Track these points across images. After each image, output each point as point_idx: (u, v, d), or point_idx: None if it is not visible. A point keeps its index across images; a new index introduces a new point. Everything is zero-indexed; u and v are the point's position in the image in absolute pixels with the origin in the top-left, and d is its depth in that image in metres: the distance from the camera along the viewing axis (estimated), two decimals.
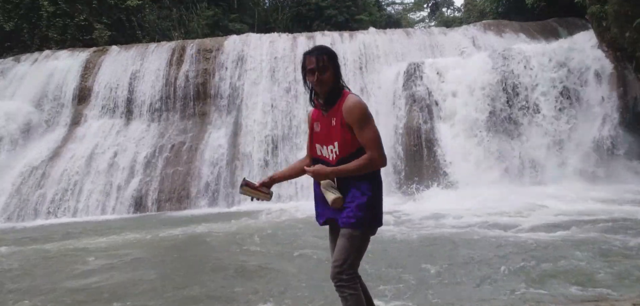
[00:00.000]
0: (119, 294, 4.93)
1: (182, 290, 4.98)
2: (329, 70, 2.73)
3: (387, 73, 14.40)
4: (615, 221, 7.37)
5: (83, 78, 15.54)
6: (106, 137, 14.18)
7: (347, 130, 2.70)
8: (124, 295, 4.87)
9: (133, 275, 5.74)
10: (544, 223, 7.53)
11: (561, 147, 12.22)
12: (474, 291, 4.47)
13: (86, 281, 5.54)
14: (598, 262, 5.15)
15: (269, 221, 9.61)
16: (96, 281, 5.51)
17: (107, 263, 6.45)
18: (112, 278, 5.65)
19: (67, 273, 5.99)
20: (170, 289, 5.04)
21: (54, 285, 5.43)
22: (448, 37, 16.63)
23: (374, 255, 5.58)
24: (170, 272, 5.88)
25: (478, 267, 5.25)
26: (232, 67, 15.34)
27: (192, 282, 5.27)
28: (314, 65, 2.72)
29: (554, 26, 16.52)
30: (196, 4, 20.67)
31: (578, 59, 13.04)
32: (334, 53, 2.81)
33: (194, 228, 9.07)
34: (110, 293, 4.97)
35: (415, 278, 4.94)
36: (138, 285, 5.29)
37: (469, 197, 10.37)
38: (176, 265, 6.33)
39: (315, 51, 2.78)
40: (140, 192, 12.82)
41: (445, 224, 7.99)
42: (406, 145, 12.72)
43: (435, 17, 34.11)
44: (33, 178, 13.01)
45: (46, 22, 18.03)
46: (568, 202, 9.39)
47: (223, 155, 13.58)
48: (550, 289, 4.38)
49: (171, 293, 4.90)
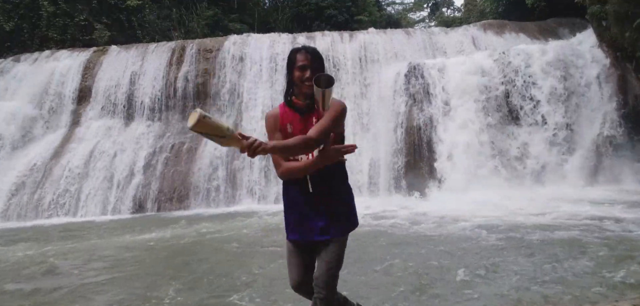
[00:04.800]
0: (117, 294, 4.93)
1: (181, 291, 4.98)
2: (319, 72, 2.63)
3: (387, 73, 14.39)
4: (615, 221, 7.37)
5: (83, 78, 15.54)
6: (106, 138, 14.17)
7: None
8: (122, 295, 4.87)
9: (133, 276, 5.74)
10: (544, 223, 7.52)
11: (561, 148, 12.22)
12: (475, 292, 4.46)
13: (85, 282, 5.54)
14: (598, 262, 5.15)
15: (269, 221, 9.60)
16: (94, 282, 5.51)
17: (107, 263, 6.45)
18: (110, 279, 5.65)
19: (66, 273, 5.98)
20: (169, 290, 5.04)
21: (52, 286, 5.43)
22: (448, 37, 16.62)
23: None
24: (170, 273, 5.87)
25: (479, 267, 5.24)
26: (232, 67, 15.34)
27: (192, 282, 5.27)
28: (309, 62, 2.65)
29: (554, 26, 16.52)
30: (196, 4, 20.68)
31: (578, 59, 13.05)
32: (322, 56, 2.76)
33: (193, 228, 9.06)
34: (105, 295, 4.97)
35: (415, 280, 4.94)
36: (138, 286, 5.29)
37: (469, 197, 10.38)
38: (175, 265, 6.32)
39: (310, 49, 2.71)
40: (140, 192, 12.82)
41: (446, 225, 7.98)
42: (406, 145, 12.71)
43: (435, 17, 34.09)
44: (33, 178, 13.01)
45: (46, 22, 18.03)
46: (568, 202, 9.40)
47: (223, 155, 13.57)
48: (550, 289, 4.38)
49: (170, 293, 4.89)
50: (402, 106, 13.22)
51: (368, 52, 15.48)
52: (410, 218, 8.93)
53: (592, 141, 12.23)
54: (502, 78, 12.95)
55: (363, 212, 9.12)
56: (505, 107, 12.75)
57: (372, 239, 7.08)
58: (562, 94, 12.60)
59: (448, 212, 9.10)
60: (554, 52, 13.03)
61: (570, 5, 15.26)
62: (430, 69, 13.56)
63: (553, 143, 12.28)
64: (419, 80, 13.40)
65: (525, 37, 15.97)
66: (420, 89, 13.27)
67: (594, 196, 9.95)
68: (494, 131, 12.43)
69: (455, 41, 16.32)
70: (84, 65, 15.75)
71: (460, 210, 9.14)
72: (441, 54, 15.71)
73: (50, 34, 17.98)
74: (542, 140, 12.33)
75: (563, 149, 12.20)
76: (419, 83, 13.36)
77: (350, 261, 4.78)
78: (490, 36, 16.34)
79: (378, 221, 8.67)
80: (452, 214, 8.87)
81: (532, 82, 12.81)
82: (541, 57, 13.01)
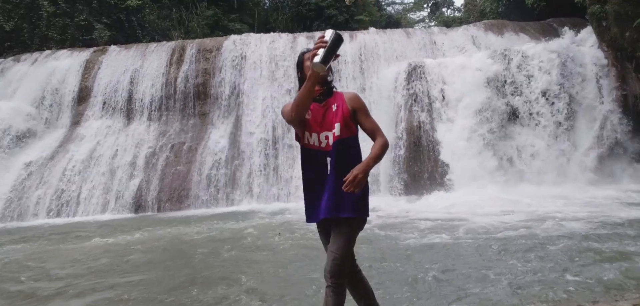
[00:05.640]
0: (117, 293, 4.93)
1: (181, 290, 4.98)
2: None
3: (387, 73, 14.39)
4: (615, 221, 7.37)
5: (83, 78, 15.55)
6: (106, 138, 14.18)
7: (350, 114, 2.84)
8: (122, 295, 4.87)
9: (133, 276, 5.73)
10: (544, 223, 7.52)
11: (561, 148, 12.22)
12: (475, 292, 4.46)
13: (85, 282, 5.53)
14: (598, 262, 5.15)
15: (269, 221, 9.60)
16: (94, 282, 5.51)
17: (107, 263, 6.45)
18: (109, 279, 5.65)
19: (66, 273, 5.99)
20: (167, 290, 5.04)
21: (51, 287, 5.43)
22: (448, 37, 16.61)
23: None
24: (170, 273, 5.87)
25: (479, 268, 5.24)
26: (232, 67, 15.34)
27: (191, 283, 5.27)
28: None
29: (554, 26, 16.52)
30: (196, 4, 20.67)
31: (578, 59, 13.05)
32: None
33: (193, 228, 9.06)
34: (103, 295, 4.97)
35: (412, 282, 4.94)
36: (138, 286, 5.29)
37: (469, 197, 10.38)
38: (175, 265, 6.32)
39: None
40: (140, 192, 12.82)
41: (446, 225, 7.98)
42: (406, 145, 12.71)
43: (435, 17, 34.04)
44: (33, 178, 13.01)
45: (46, 22, 18.03)
46: (568, 202, 9.40)
47: (223, 155, 13.58)
48: (550, 289, 4.37)
49: (168, 294, 4.89)
50: (402, 105, 13.23)
51: (368, 52, 15.48)
52: (410, 218, 8.93)
53: (592, 140, 12.23)
54: (502, 78, 12.95)
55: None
56: (505, 107, 12.74)
57: (371, 239, 7.07)
58: (562, 94, 12.60)
59: (447, 212, 9.10)
60: (554, 52, 13.03)
61: (570, 5, 15.27)
62: (431, 69, 13.56)
63: (553, 143, 12.28)
64: (419, 80, 13.41)
65: (525, 37, 15.97)
66: (420, 89, 13.27)
67: (594, 196, 9.95)
68: (494, 131, 12.43)
69: (455, 41, 16.32)
70: (83, 65, 15.76)
71: (459, 210, 9.14)
72: (441, 54, 15.70)
73: (50, 34, 17.98)
74: (542, 140, 12.33)
75: (563, 149, 12.20)
76: (419, 83, 13.36)
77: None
78: (490, 36, 16.34)
79: (377, 221, 8.67)
80: (451, 214, 8.87)
81: (532, 82, 12.81)
82: (541, 57, 13.01)
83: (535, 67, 12.93)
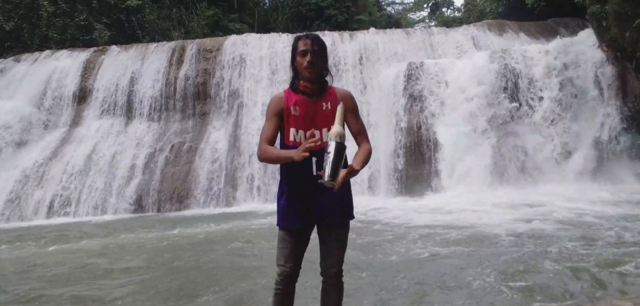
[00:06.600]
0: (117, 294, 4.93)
1: (181, 290, 4.98)
2: (321, 57, 2.76)
3: (387, 73, 14.39)
4: (615, 221, 7.37)
5: (83, 78, 15.53)
6: (106, 138, 14.17)
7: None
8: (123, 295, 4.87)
9: (132, 276, 5.73)
10: (544, 223, 7.52)
11: (561, 148, 12.22)
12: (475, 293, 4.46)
13: (85, 283, 5.53)
14: (598, 262, 5.15)
15: (269, 221, 9.60)
16: (94, 282, 5.50)
17: (106, 263, 6.45)
18: (109, 279, 5.64)
19: (65, 274, 5.98)
20: (169, 290, 5.04)
21: (51, 287, 5.43)
22: (448, 37, 16.60)
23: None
24: (170, 273, 5.87)
25: (482, 268, 5.24)
26: (232, 67, 15.33)
27: (192, 282, 5.27)
28: (309, 47, 2.72)
29: (554, 26, 16.52)
30: (196, 4, 20.67)
31: (578, 59, 13.05)
32: (325, 44, 2.85)
33: (193, 229, 9.06)
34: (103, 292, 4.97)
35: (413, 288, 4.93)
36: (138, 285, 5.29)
37: (468, 197, 10.38)
38: (176, 265, 6.32)
39: (311, 35, 2.81)
40: (140, 192, 12.82)
41: (446, 225, 7.98)
42: (406, 145, 12.71)
43: (435, 17, 34.03)
44: (33, 178, 13.00)
45: (46, 22, 18.02)
46: (568, 202, 9.39)
47: (223, 155, 13.58)
48: (550, 289, 4.37)
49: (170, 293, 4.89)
50: (402, 106, 13.22)
51: (368, 52, 15.47)
52: (410, 217, 8.92)
53: (592, 140, 12.23)
54: (502, 78, 12.94)
55: (362, 212, 9.12)
56: (505, 107, 12.73)
57: (370, 239, 7.07)
58: (561, 94, 12.60)
59: (447, 212, 9.10)
60: (554, 52, 13.04)
61: (570, 5, 15.26)
62: (431, 69, 13.55)
63: (553, 143, 12.28)
64: (419, 80, 13.40)
65: (525, 37, 15.96)
66: (420, 89, 13.27)
67: (594, 196, 9.94)
68: (494, 130, 12.42)
69: (456, 41, 16.30)
70: (83, 65, 15.74)
71: (459, 210, 9.14)
72: (441, 54, 15.69)
73: (50, 34, 17.97)
74: (542, 140, 12.33)
75: (563, 149, 12.20)
76: (419, 83, 13.35)
77: (346, 264, 4.77)
78: (490, 36, 16.33)
79: (377, 221, 8.66)
80: (451, 214, 8.86)
81: (532, 82, 12.81)
82: (541, 57, 13.01)
83: (535, 67, 12.92)
